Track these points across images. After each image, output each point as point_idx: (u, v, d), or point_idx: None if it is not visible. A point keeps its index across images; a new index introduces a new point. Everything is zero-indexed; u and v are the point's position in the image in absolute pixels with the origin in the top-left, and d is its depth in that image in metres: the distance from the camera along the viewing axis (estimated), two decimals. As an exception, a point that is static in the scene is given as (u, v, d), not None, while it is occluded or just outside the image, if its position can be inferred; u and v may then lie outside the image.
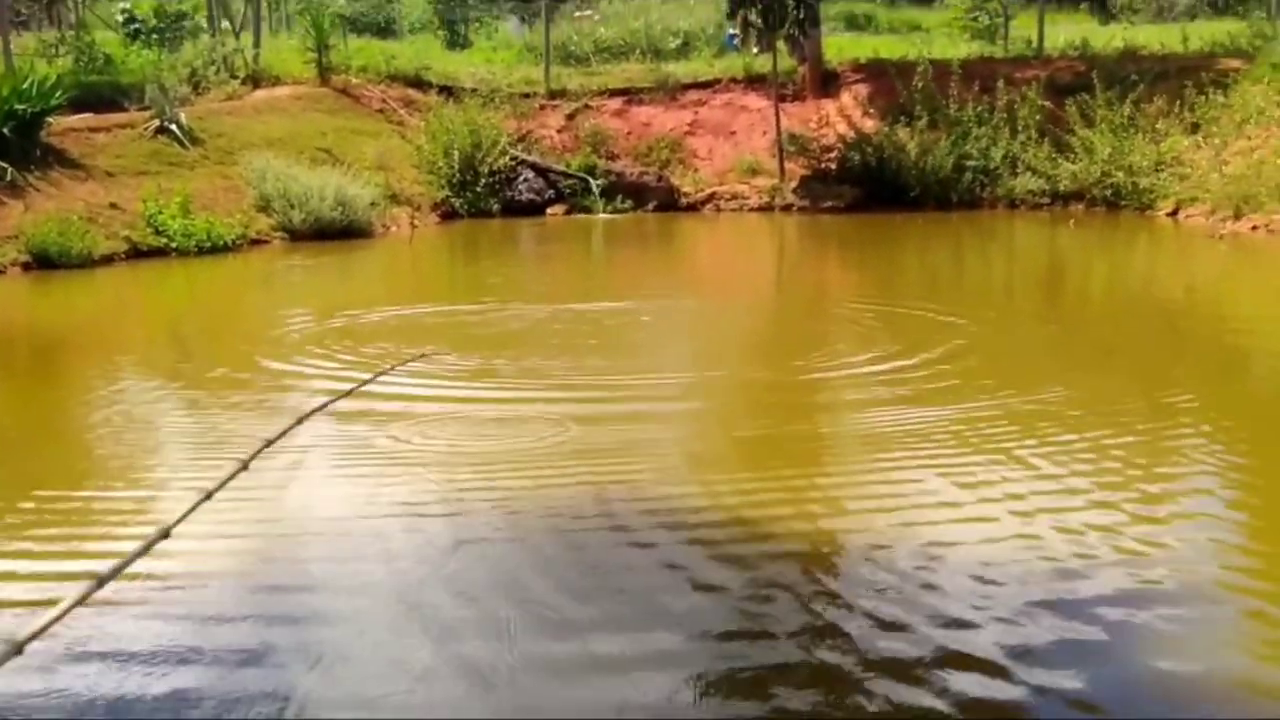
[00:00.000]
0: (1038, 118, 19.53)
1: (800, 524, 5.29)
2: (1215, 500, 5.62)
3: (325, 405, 7.25)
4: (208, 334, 10.97)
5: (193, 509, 5.32)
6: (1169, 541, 5.03)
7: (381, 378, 8.02)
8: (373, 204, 17.11)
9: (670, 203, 20.24)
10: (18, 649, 3.94)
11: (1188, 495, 5.67)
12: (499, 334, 10.07)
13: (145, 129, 16.87)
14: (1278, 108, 17.34)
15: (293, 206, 16.27)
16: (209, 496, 5.50)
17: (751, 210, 20.05)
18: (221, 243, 15.18)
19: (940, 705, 3.64)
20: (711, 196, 20.49)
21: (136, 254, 14.57)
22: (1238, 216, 15.88)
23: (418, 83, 22.18)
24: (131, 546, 4.84)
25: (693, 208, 20.34)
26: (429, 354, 8.74)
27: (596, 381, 8.17)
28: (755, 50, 21.70)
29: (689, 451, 6.55)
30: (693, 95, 22.36)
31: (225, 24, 22.45)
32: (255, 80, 20.85)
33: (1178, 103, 18.70)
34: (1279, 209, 15.11)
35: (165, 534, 5.00)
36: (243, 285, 14.22)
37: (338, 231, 16.30)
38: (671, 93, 22.32)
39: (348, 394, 7.56)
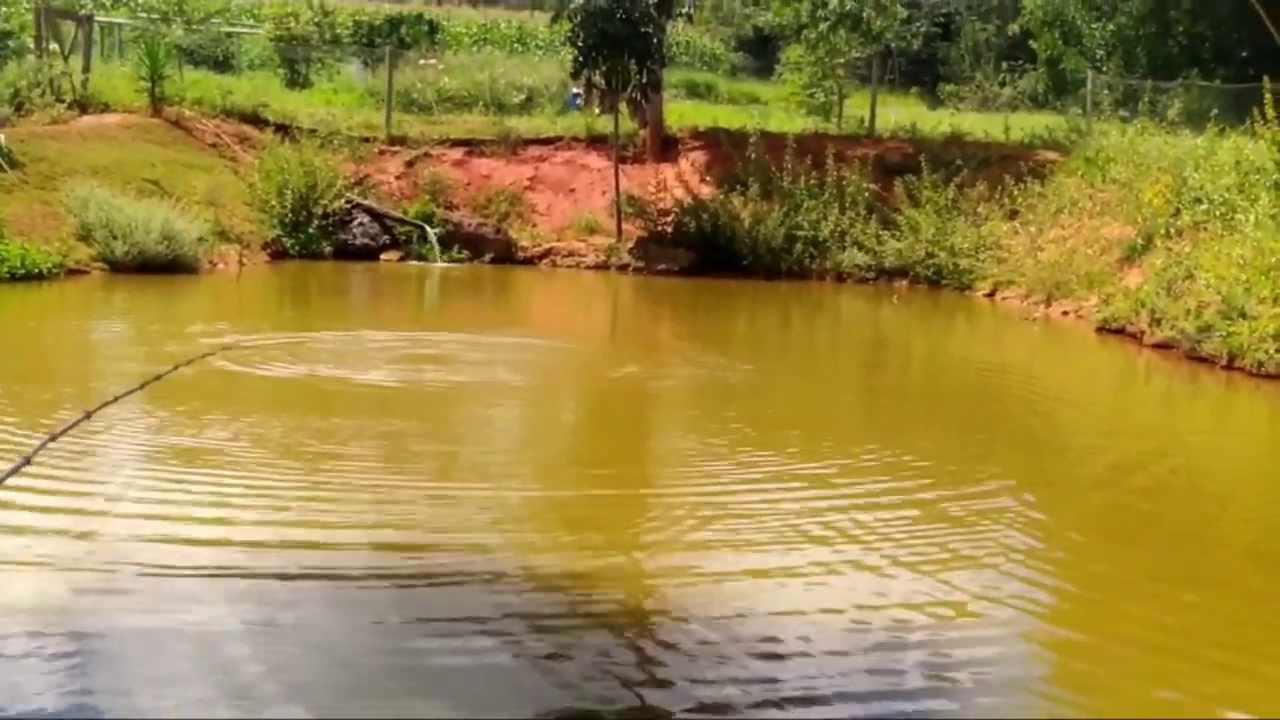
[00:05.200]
0: (866, 195, 20.14)
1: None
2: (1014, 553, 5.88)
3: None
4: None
5: None
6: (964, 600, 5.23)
7: None
8: (200, 239, 16.63)
9: (507, 255, 20.21)
10: None
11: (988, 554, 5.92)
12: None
13: (-41, 149, 16.14)
14: (1089, 199, 18.26)
15: (116, 237, 15.70)
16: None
17: (588, 268, 20.11)
18: (36, 270, 14.52)
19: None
20: (549, 252, 20.53)
21: (-57, 277, 13.85)
22: (1050, 301, 16.62)
23: (254, 119, 21.71)
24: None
25: (529, 262, 20.33)
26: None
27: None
28: (598, 111, 21.90)
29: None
30: (534, 151, 22.39)
31: (54, 46, 21.61)
32: (83, 106, 20.14)
33: (998, 189, 19.52)
34: (1088, 296, 15.85)
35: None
36: (33, 317, 13.38)
37: (162, 265, 15.77)
38: (513, 147, 22.34)
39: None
